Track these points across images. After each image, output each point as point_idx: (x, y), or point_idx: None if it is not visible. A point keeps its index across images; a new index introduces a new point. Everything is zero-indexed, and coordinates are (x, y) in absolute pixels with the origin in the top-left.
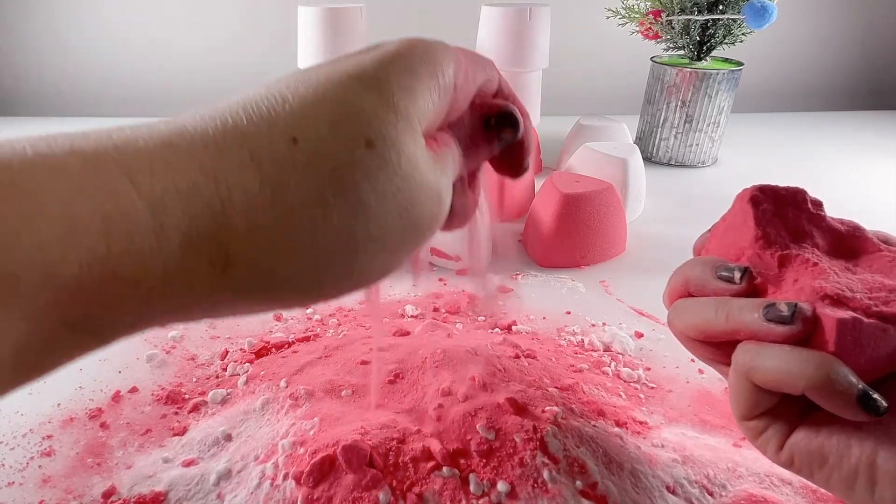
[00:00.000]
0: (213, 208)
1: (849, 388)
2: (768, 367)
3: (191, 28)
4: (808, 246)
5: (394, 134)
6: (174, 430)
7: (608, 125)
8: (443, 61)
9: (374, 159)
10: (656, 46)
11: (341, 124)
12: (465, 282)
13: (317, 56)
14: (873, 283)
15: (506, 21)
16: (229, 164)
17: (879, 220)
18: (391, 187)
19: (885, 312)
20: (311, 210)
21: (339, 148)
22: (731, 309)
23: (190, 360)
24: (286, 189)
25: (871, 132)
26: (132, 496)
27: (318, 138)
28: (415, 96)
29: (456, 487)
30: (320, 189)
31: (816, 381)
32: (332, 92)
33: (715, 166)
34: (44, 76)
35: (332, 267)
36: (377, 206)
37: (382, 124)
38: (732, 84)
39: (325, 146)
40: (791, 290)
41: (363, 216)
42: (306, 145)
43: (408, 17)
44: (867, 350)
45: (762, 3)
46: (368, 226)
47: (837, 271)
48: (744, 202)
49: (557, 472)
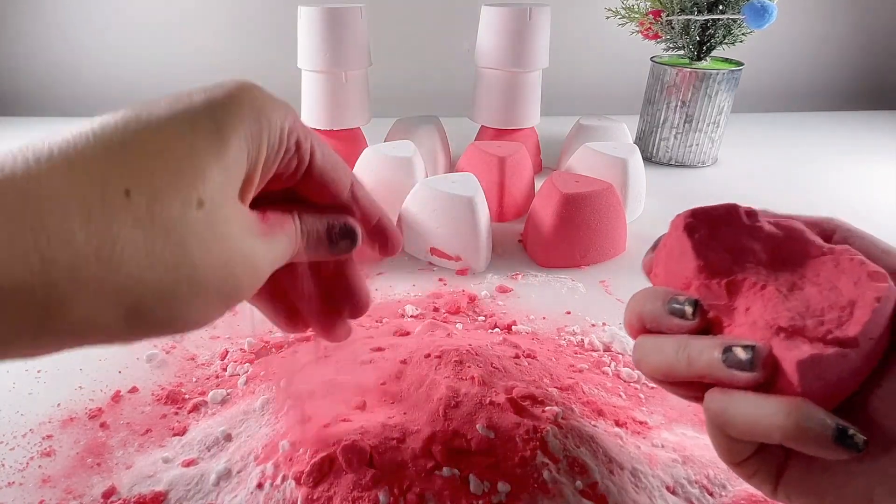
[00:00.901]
0: (31, 261)
1: (823, 430)
2: (738, 420)
3: (191, 28)
4: (752, 265)
5: (220, 197)
6: (174, 430)
7: (608, 125)
8: (273, 116)
9: (203, 219)
10: (656, 46)
11: (175, 183)
12: (465, 281)
13: (317, 56)
14: (824, 302)
15: (506, 21)
16: (54, 215)
17: (879, 220)
18: (215, 247)
19: (842, 337)
20: (136, 261)
21: (173, 205)
22: (692, 352)
23: (190, 360)
24: (114, 241)
25: (871, 132)
26: (132, 496)
27: (151, 193)
28: (245, 152)
29: (456, 487)
30: (149, 243)
31: (789, 431)
32: (167, 143)
33: (715, 166)
34: (44, 76)
35: (153, 314)
36: (200, 261)
37: (214, 185)
38: (732, 84)
39: (158, 202)
40: (745, 323)
41: (186, 270)
42: (140, 199)
43: (408, 17)
44: (832, 381)
45: (762, 3)
46: (190, 279)
47: (786, 291)
48: (679, 231)
49: (557, 472)
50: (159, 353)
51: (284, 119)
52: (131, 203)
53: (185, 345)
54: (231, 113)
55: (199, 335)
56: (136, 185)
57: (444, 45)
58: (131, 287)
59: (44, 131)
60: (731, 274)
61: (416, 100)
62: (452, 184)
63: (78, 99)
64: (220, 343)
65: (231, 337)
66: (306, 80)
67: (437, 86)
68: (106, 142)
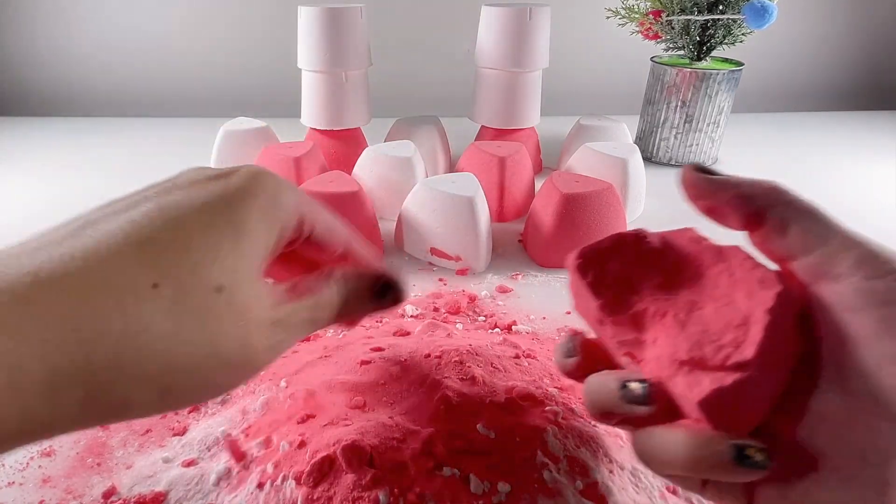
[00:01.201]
0: (75, 357)
1: (720, 456)
2: (653, 456)
3: (191, 28)
4: (650, 291)
5: (238, 280)
6: (174, 430)
7: (608, 125)
8: (286, 202)
9: (223, 301)
10: (656, 46)
11: (197, 273)
12: (465, 281)
13: (317, 56)
14: (721, 321)
15: (506, 21)
16: (93, 312)
17: (879, 220)
18: (234, 325)
19: (740, 361)
20: (166, 345)
21: (195, 293)
22: (602, 389)
23: None
24: (146, 329)
25: (871, 132)
26: (132, 496)
27: (177, 285)
28: (261, 235)
29: (456, 487)
30: (176, 327)
31: (690, 463)
32: (189, 238)
33: (715, 166)
34: (44, 76)
35: (183, 389)
36: (221, 338)
37: (232, 271)
38: (732, 84)
39: (182, 292)
40: (653, 358)
41: (209, 348)
42: (167, 291)
43: (408, 18)
44: (743, 406)
45: (762, 3)
46: (214, 355)
47: (684, 316)
48: (573, 273)
49: (557, 472)
50: None
51: (296, 203)
52: (159, 295)
53: None
54: (247, 205)
55: None
56: (163, 279)
57: (444, 45)
58: (163, 369)
59: (44, 131)
60: (632, 306)
61: (416, 100)
62: (452, 184)
63: (78, 99)
64: None
65: None
66: (306, 80)
67: (437, 86)
68: (134, 239)
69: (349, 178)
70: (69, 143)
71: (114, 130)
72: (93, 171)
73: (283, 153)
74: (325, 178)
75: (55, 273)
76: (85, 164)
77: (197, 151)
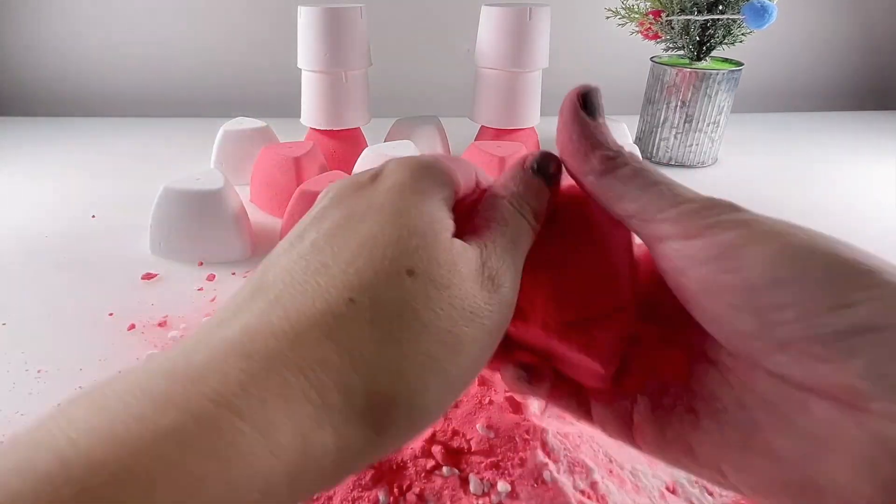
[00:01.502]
0: (346, 391)
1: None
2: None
3: (190, 28)
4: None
5: (426, 257)
6: None
7: (608, 125)
8: (443, 175)
9: (418, 285)
10: (656, 46)
11: (384, 270)
12: None
13: (317, 56)
14: (592, 271)
15: (506, 21)
16: (353, 341)
17: (879, 221)
18: (442, 301)
19: (618, 305)
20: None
21: (389, 290)
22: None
23: None
24: (397, 342)
25: (871, 132)
26: None
27: (374, 297)
28: (434, 207)
29: (456, 487)
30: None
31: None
32: (373, 251)
33: (715, 166)
34: (44, 76)
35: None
36: (452, 319)
37: (417, 251)
38: (732, 84)
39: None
40: (539, 322)
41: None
42: (362, 301)
43: (408, 18)
44: (621, 343)
45: (762, 3)
46: (476, 326)
47: (557, 269)
48: None
49: (557, 472)
50: (159, 353)
51: (451, 174)
52: (356, 307)
53: None
54: (420, 198)
55: None
56: (357, 293)
57: (444, 45)
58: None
59: (44, 131)
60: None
61: (416, 100)
62: None
63: (78, 99)
64: None
65: None
66: (306, 80)
67: (437, 86)
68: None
69: None
70: (69, 143)
71: (114, 130)
72: (93, 171)
73: (283, 153)
74: (324, 178)
75: (276, 332)
76: (85, 165)
77: (197, 151)
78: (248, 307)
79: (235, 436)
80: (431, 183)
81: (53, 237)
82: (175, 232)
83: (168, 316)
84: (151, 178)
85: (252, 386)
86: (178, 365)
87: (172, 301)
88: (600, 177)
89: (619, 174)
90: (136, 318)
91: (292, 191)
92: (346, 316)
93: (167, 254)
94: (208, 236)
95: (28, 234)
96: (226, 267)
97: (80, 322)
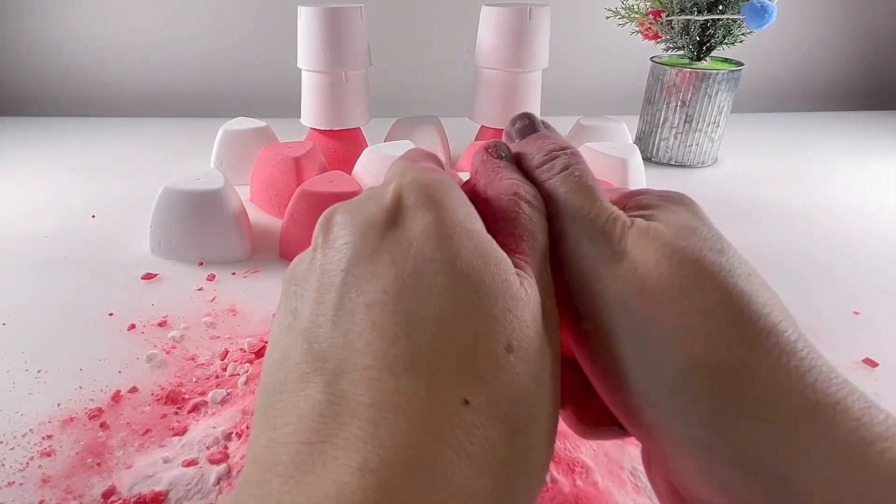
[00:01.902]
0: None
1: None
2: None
3: (191, 28)
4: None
5: (516, 325)
6: (174, 430)
7: (608, 125)
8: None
9: (520, 359)
10: (656, 46)
11: (483, 354)
12: None
13: (317, 56)
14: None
15: (506, 21)
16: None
17: (879, 221)
18: (539, 365)
19: None
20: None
21: (483, 358)
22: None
23: (190, 360)
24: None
25: (871, 132)
26: (132, 496)
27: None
28: (483, 244)
29: None
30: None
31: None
32: (458, 333)
33: (715, 166)
34: (44, 76)
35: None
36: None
37: (504, 319)
38: (732, 84)
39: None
40: None
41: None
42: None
43: (408, 18)
44: None
45: (762, 3)
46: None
47: None
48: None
49: (557, 472)
50: (159, 353)
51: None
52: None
53: (185, 345)
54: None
55: (199, 335)
56: (471, 393)
57: (444, 45)
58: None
59: (44, 131)
60: None
61: (416, 100)
62: None
63: (78, 99)
64: (220, 343)
65: (231, 337)
66: (306, 80)
67: (437, 86)
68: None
69: (349, 178)
70: (69, 143)
71: (114, 130)
72: (92, 172)
73: (283, 153)
74: (325, 178)
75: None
76: (85, 165)
77: (197, 151)
78: (331, 438)
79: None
80: (459, 204)
81: (53, 237)
82: (175, 232)
83: (168, 316)
84: (151, 178)
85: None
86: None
87: (172, 301)
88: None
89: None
90: (136, 318)
91: (292, 191)
92: (466, 420)
93: (167, 254)
94: (208, 236)
95: (28, 234)
96: (226, 267)
97: (80, 322)
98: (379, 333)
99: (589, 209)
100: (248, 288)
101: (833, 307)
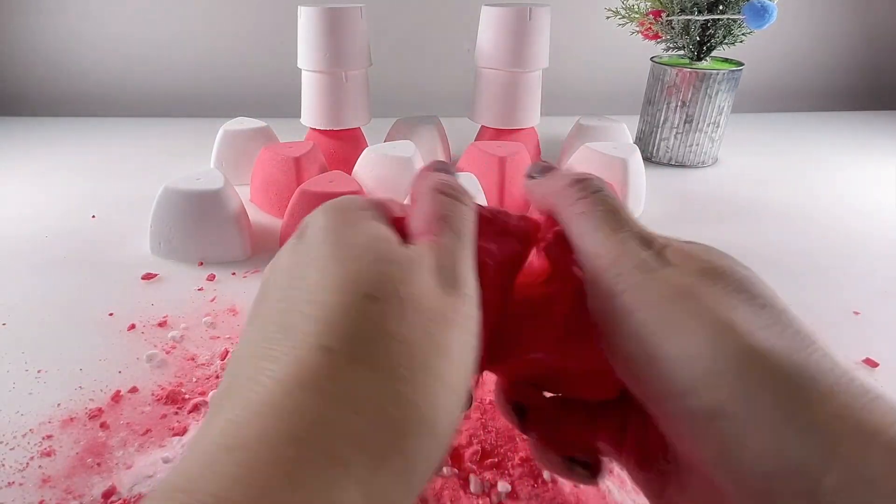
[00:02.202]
0: None
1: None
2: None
3: (191, 28)
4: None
5: (378, 277)
6: (174, 430)
7: (608, 125)
8: (361, 201)
9: (381, 307)
10: (656, 46)
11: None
12: None
13: (317, 56)
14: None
15: (506, 21)
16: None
17: (879, 221)
18: (412, 313)
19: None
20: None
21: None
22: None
23: (190, 360)
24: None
25: (871, 132)
26: (132, 496)
27: (343, 335)
28: (368, 227)
29: (456, 487)
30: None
31: None
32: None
33: (715, 166)
34: (44, 76)
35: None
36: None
37: (368, 274)
38: (732, 84)
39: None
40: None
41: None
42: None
43: (408, 18)
44: None
45: (762, 3)
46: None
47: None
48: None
49: None
50: (159, 353)
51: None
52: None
53: (185, 345)
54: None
55: (200, 335)
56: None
57: (444, 45)
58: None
59: (44, 131)
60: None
61: (416, 100)
62: None
63: (78, 99)
64: (220, 343)
65: (231, 337)
66: (306, 80)
67: (437, 86)
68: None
69: (349, 178)
70: (69, 143)
71: (114, 130)
72: (93, 171)
73: (283, 153)
74: (325, 178)
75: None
76: (85, 165)
77: (197, 151)
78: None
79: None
80: (354, 209)
81: (53, 237)
82: (175, 232)
83: (168, 316)
84: (151, 178)
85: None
86: (176, 481)
87: (172, 301)
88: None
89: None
90: (136, 318)
91: (292, 191)
92: (328, 365)
93: (167, 254)
94: (208, 236)
95: (28, 234)
96: (226, 267)
97: (80, 322)
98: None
99: (631, 225)
100: (248, 288)
101: (833, 307)
